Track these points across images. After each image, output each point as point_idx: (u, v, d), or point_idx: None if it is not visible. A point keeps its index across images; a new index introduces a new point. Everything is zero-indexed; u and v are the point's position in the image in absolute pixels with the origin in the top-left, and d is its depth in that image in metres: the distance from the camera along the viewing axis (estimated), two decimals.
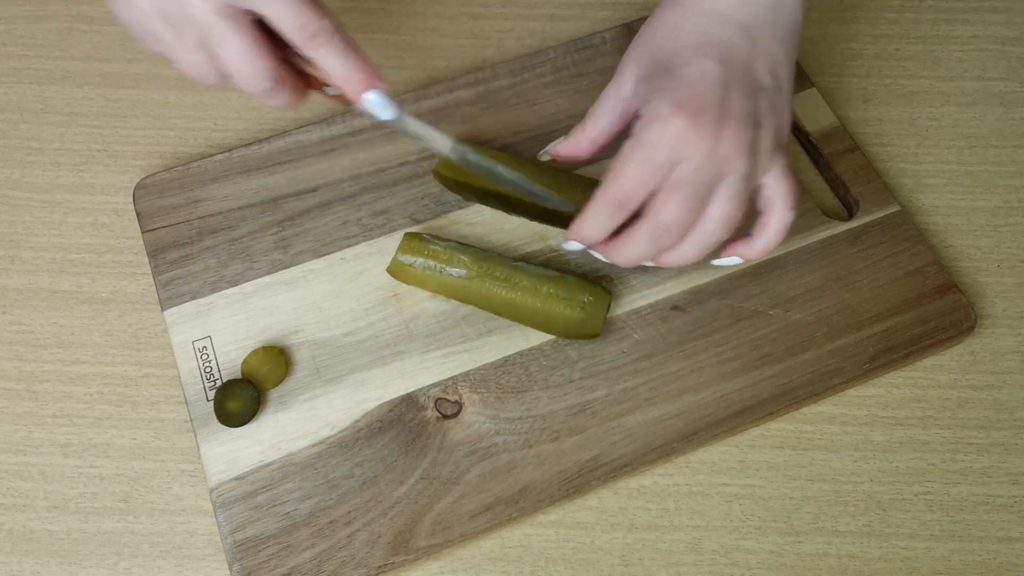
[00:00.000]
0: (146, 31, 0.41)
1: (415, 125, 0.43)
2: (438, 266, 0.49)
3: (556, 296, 0.49)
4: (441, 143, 0.44)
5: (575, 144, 0.47)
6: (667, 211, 0.42)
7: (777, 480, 0.48)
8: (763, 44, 0.44)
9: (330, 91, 0.42)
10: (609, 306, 0.50)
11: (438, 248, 0.49)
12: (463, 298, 0.50)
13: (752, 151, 0.42)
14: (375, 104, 0.41)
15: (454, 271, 0.49)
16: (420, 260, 0.49)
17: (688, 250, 0.44)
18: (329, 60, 0.40)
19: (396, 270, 0.50)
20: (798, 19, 0.46)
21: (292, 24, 0.39)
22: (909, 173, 0.57)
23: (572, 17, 0.63)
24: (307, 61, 0.41)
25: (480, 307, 0.50)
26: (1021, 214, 0.56)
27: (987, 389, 0.51)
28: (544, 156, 0.49)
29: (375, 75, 0.41)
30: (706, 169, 0.41)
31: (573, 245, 0.46)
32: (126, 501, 0.47)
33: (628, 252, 0.44)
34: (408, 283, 0.50)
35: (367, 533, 0.45)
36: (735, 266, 0.47)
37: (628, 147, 0.42)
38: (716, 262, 0.47)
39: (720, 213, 0.43)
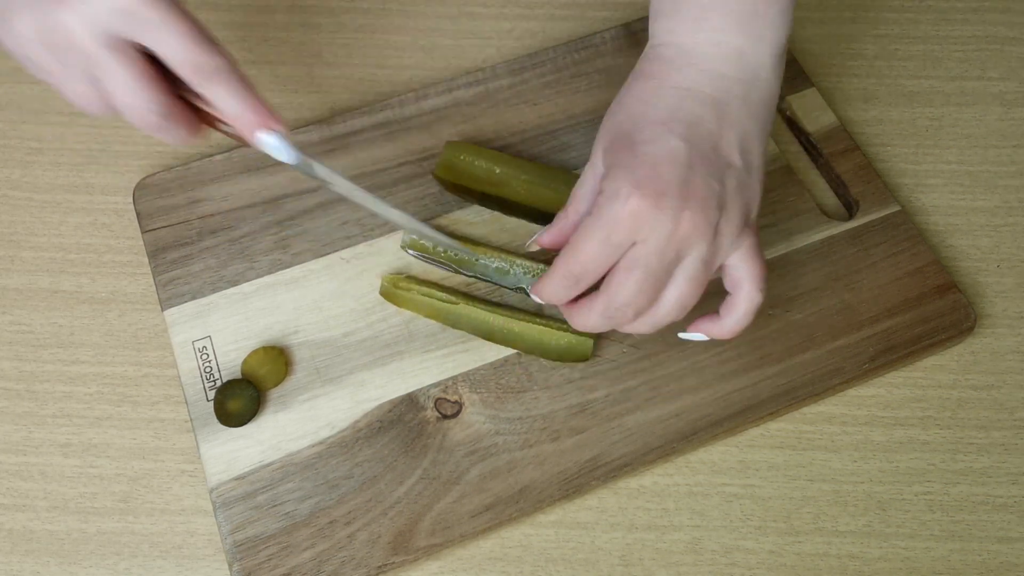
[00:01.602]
0: (29, 59, 0.38)
1: (321, 170, 0.42)
2: (427, 291, 0.50)
3: (545, 325, 0.49)
4: (346, 189, 0.44)
5: (560, 232, 0.45)
6: (623, 293, 0.41)
7: (777, 480, 0.48)
8: (733, 120, 0.42)
9: (225, 128, 0.41)
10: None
11: (423, 286, 0.50)
12: (454, 324, 0.50)
13: (714, 234, 0.40)
14: (271, 146, 0.40)
15: (441, 300, 0.49)
16: (408, 286, 0.50)
17: (640, 326, 0.43)
18: (221, 99, 0.38)
19: (388, 294, 0.50)
20: (773, 91, 0.43)
21: (182, 60, 0.37)
22: (909, 173, 0.57)
23: (572, 17, 0.63)
24: (200, 96, 0.39)
25: (470, 332, 0.50)
26: (1021, 214, 0.56)
27: (987, 389, 0.51)
28: (532, 246, 0.47)
29: (270, 116, 0.39)
30: (665, 252, 0.40)
31: (537, 298, 0.45)
32: (126, 501, 0.47)
33: (584, 322, 0.43)
34: (400, 306, 0.50)
35: (367, 533, 0.45)
36: (700, 341, 0.46)
37: (587, 223, 0.41)
38: (682, 335, 0.46)
39: (676, 295, 0.41)
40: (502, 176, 0.52)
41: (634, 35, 0.59)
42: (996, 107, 0.60)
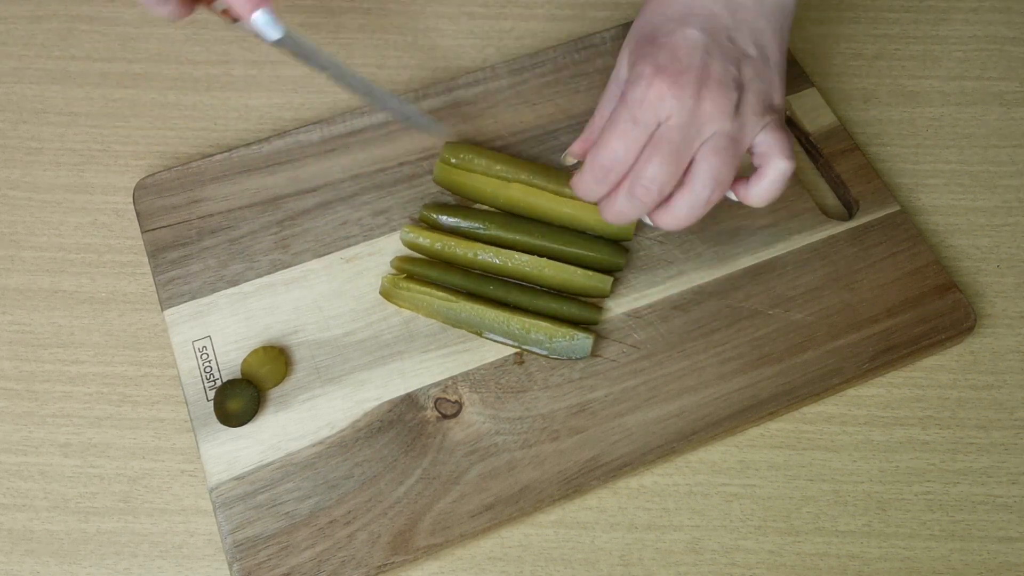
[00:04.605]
0: None
1: (304, 44, 0.45)
2: (429, 292, 0.50)
3: (546, 323, 0.49)
4: (323, 61, 0.47)
5: (588, 137, 0.49)
6: (648, 169, 0.43)
7: (777, 480, 0.48)
8: (746, 18, 0.45)
9: (217, 6, 0.44)
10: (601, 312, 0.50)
11: (423, 285, 0.50)
12: (454, 323, 0.50)
13: (735, 112, 0.43)
14: (263, 23, 0.43)
15: (441, 299, 0.49)
16: (408, 286, 0.50)
17: (680, 210, 0.45)
18: None
19: (387, 294, 0.50)
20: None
21: None
22: (909, 173, 0.57)
23: (572, 17, 0.63)
24: None
25: (470, 331, 0.50)
26: (1021, 214, 0.56)
27: (987, 389, 0.51)
28: (567, 159, 0.51)
29: None
30: (687, 127, 0.42)
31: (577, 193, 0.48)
32: (126, 501, 0.47)
33: (613, 209, 0.46)
34: (400, 306, 0.50)
35: (367, 533, 0.45)
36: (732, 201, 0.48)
37: (614, 112, 0.44)
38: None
39: (707, 168, 0.43)
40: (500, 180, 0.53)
41: None
42: (996, 107, 0.60)
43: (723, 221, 0.53)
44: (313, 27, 0.62)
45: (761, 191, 0.45)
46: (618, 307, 0.51)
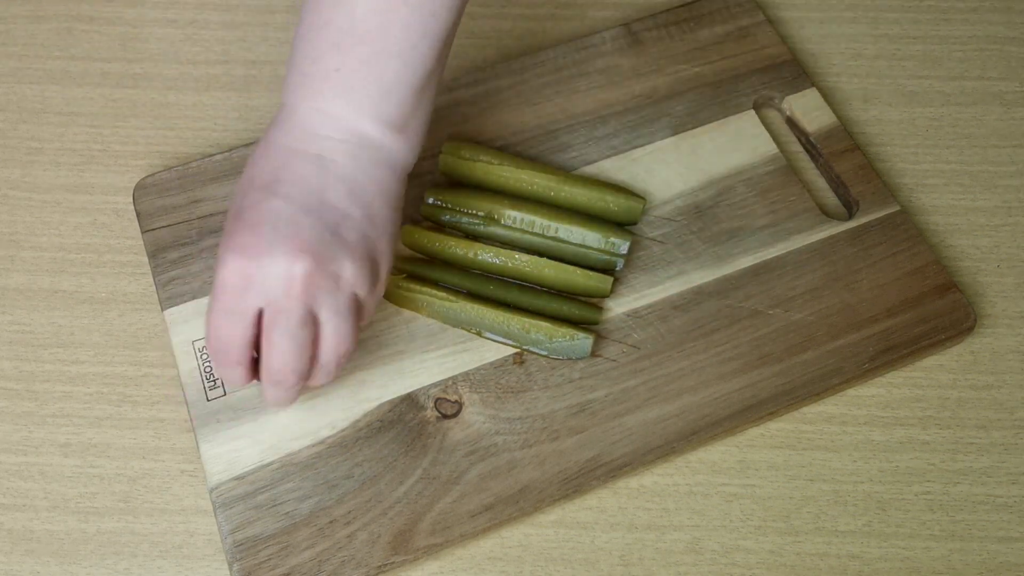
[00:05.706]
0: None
1: None
2: (429, 292, 0.50)
3: (545, 322, 0.49)
4: None
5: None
6: (273, 359, 0.41)
7: (777, 480, 0.48)
8: (341, 175, 0.42)
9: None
10: (602, 309, 0.50)
11: (423, 285, 0.50)
12: (454, 323, 0.50)
13: (336, 274, 0.40)
14: None
15: (441, 300, 0.49)
16: (408, 286, 0.50)
17: (323, 378, 0.43)
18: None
19: (388, 294, 0.50)
20: (395, 156, 0.43)
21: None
22: (909, 173, 0.57)
23: (572, 17, 0.63)
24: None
25: (469, 332, 0.50)
26: (1021, 214, 0.56)
27: (987, 389, 0.51)
28: None
29: None
30: (291, 304, 0.40)
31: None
32: (126, 501, 0.47)
33: (269, 401, 0.44)
34: (400, 306, 0.50)
35: (367, 533, 0.45)
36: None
37: (210, 298, 0.41)
38: None
39: (332, 331, 0.41)
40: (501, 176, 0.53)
41: (634, 35, 0.59)
42: (996, 107, 0.60)
43: (723, 221, 0.53)
44: None
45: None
46: (618, 307, 0.51)
